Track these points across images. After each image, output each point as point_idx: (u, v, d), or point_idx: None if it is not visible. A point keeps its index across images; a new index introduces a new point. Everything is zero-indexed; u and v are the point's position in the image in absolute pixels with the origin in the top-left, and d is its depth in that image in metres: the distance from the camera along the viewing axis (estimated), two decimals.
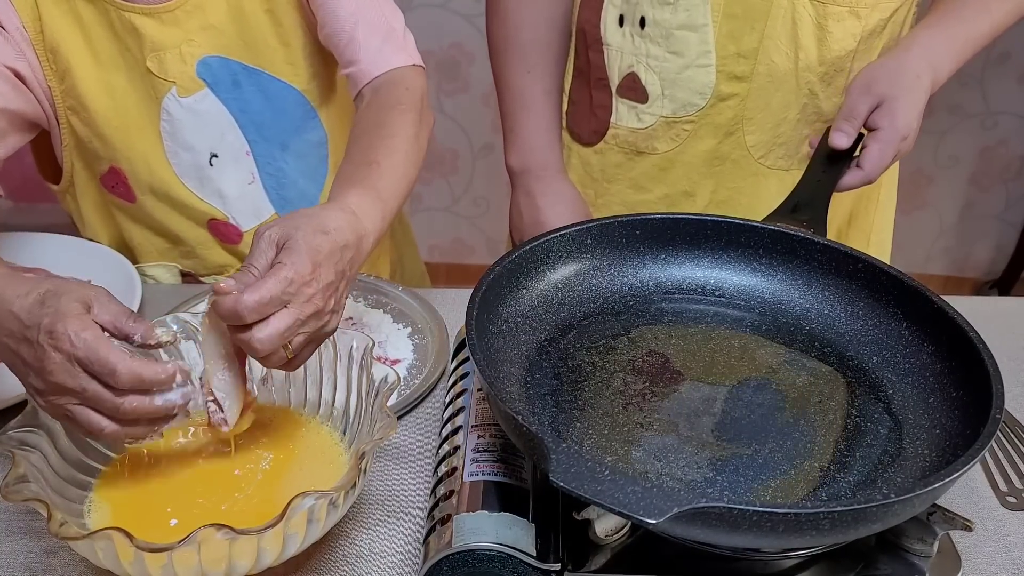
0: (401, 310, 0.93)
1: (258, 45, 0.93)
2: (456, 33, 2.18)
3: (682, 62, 0.96)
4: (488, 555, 0.56)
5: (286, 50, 0.94)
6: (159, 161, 0.95)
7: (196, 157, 0.96)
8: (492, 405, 0.64)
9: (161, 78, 0.91)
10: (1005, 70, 2.23)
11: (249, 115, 0.96)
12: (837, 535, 0.52)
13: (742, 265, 0.79)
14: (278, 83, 0.95)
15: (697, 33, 0.94)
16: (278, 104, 0.96)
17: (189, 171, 0.96)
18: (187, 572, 0.54)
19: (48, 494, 0.57)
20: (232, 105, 0.94)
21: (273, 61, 0.94)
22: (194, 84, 0.92)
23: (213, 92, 0.93)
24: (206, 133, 0.95)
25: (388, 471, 0.73)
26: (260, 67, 0.94)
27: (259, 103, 0.95)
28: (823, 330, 0.75)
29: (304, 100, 0.98)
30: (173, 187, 0.97)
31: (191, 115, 0.93)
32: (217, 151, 0.96)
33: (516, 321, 0.71)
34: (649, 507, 0.47)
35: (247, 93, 0.94)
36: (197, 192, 0.98)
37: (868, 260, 0.73)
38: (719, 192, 1.03)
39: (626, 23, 0.98)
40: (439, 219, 2.49)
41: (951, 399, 0.64)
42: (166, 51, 0.89)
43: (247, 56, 0.93)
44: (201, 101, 0.93)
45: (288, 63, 0.95)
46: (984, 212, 2.46)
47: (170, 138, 0.94)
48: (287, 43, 0.93)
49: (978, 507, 0.71)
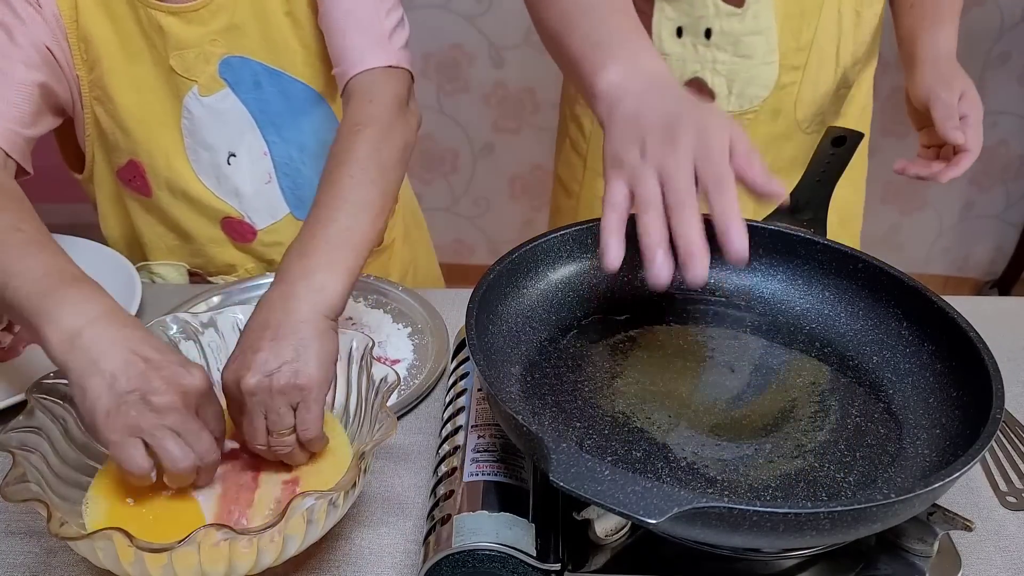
0: (401, 310, 0.93)
1: (279, 47, 0.93)
2: (456, 33, 2.18)
3: (750, 63, 1.02)
4: (488, 555, 0.56)
5: (305, 52, 0.94)
6: (178, 157, 0.96)
7: (215, 156, 0.96)
8: (492, 405, 0.64)
9: (184, 76, 0.92)
10: (1005, 70, 2.23)
11: (269, 116, 0.96)
12: (837, 535, 0.52)
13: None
14: (298, 84, 0.96)
15: (763, 35, 1.00)
16: (297, 105, 0.97)
17: (207, 169, 0.97)
18: (187, 572, 0.54)
19: (48, 494, 0.57)
20: (252, 105, 0.95)
21: (294, 63, 0.94)
22: (216, 83, 0.93)
23: (234, 92, 0.94)
24: (226, 132, 0.95)
25: (388, 471, 0.73)
26: (281, 68, 0.94)
27: (279, 104, 0.96)
28: (823, 330, 0.75)
29: (323, 102, 0.98)
30: (190, 184, 0.97)
31: (211, 114, 0.94)
32: (236, 150, 0.97)
33: (516, 321, 0.71)
34: (649, 507, 0.47)
35: (267, 94, 0.95)
36: (214, 190, 0.98)
37: (868, 260, 0.73)
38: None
39: (686, 35, 1.01)
40: (439, 219, 2.49)
41: (951, 399, 0.64)
42: (189, 50, 0.90)
43: (268, 57, 0.93)
44: (222, 101, 0.94)
45: (307, 65, 0.95)
46: (984, 212, 2.46)
47: (190, 135, 0.95)
48: (307, 45, 0.94)
49: (978, 507, 0.71)
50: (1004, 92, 2.26)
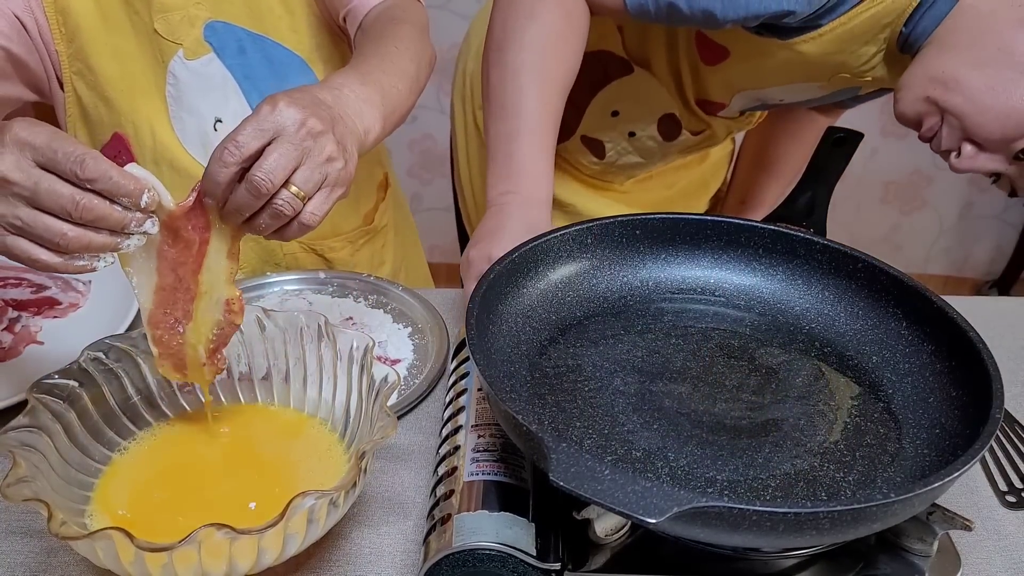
0: (401, 310, 0.93)
1: (263, 11, 0.93)
2: (456, 33, 2.17)
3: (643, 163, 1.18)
4: (488, 555, 0.56)
5: (291, 18, 0.94)
6: (163, 126, 0.96)
7: (200, 122, 0.96)
8: (492, 405, 0.64)
9: (169, 40, 0.91)
10: None
11: (253, 81, 0.96)
12: (837, 535, 0.52)
13: (742, 265, 0.79)
14: (282, 50, 0.96)
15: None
16: (281, 71, 0.97)
17: (193, 137, 0.97)
18: (187, 572, 0.54)
19: (48, 494, 0.57)
20: (237, 71, 0.95)
21: (277, 28, 0.94)
22: (201, 47, 0.92)
23: (219, 57, 0.94)
24: (211, 98, 0.95)
25: (388, 471, 0.73)
26: (264, 33, 0.94)
27: (263, 70, 0.96)
28: (823, 330, 0.75)
29: (307, 68, 0.98)
30: (176, 153, 0.97)
31: (197, 79, 0.94)
32: (222, 116, 0.96)
33: (516, 321, 0.71)
34: (649, 507, 0.47)
35: (252, 59, 0.95)
36: (200, 159, 0.98)
37: (868, 260, 0.73)
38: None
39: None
40: (439, 219, 2.49)
41: (951, 399, 0.64)
42: (173, 12, 0.90)
43: (251, 22, 0.93)
44: (207, 65, 0.94)
45: (292, 31, 0.95)
46: (984, 212, 2.46)
47: (175, 102, 0.95)
48: (291, 11, 0.94)
49: (978, 507, 0.71)
50: None
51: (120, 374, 0.68)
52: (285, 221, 0.61)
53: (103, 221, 0.56)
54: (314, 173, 0.60)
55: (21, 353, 0.85)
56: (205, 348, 0.66)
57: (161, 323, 0.64)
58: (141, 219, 0.58)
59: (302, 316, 0.71)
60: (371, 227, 1.12)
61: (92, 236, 0.57)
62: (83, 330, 0.87)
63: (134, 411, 0.69)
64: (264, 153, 0.59)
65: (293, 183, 0.60)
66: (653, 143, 1.15)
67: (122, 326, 0.86)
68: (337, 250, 1.08)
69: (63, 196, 0.54)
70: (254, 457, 0.68)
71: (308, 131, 0.60)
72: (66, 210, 0.55)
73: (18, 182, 0.54)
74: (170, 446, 0.69)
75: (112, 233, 0.58)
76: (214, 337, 0.65)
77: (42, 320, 0.89)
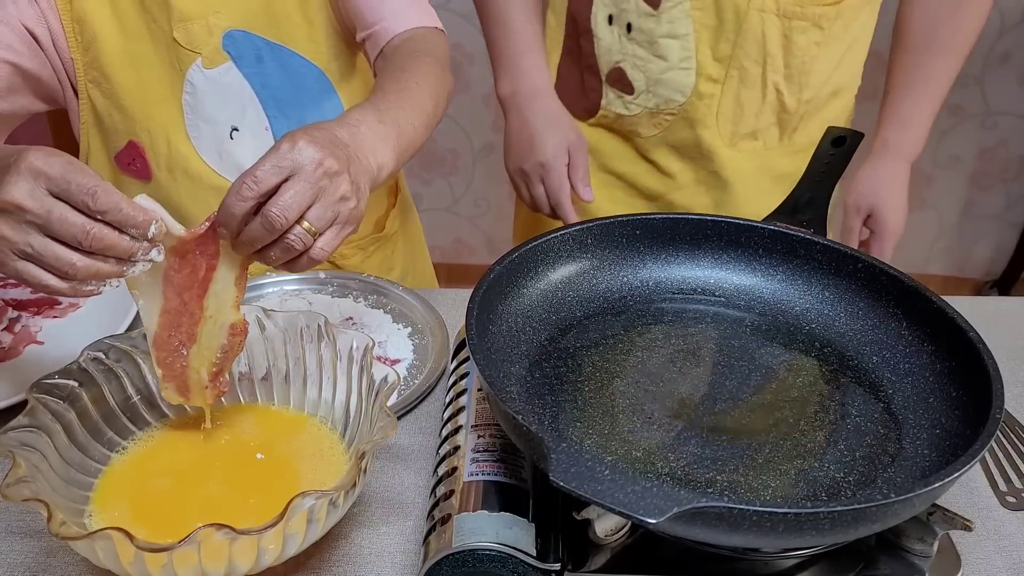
0: (401, 310, 0.93)
1: (281, 20, 0.93)
2: (456, 33, 2.18)
3: (665, 65, 1.05)
4: (488, 555, 0.56)
5: (309, 27, 0.94)
6: (179, 134, 0.96)
7: (216, 130, 0.96)
8: (492, 405, 0.64)
9: (188, 49, 0.91)
10: (1005, 70, 2.23)
11: (270, 90, 0.96)
12: (837, 535, 0.52)
13: (742, 265, 0.79)
14: (299, 59, 0.96)
15: (679, 41, 1.03)
16: (298, 81, 0.97)
17: (208, 145, 0.97)
18: (187, 572, 0.54)
19: (48, 494, 0.57)
20: (254, 80, 0.95)
21: (295, 37, 0.94)
22: (219, 56, 0.93)
23: (237, 66, 0.94)
24: (228, 106, 0.95)
25: (388, 471, 0.73)
26: (282, 43, 0.94)
27: (280, 79, 0.96)
28: (823, 330, 0.75)
29: (324, 78, 0.98)
30: (191, 161, 0.97)
31: (215, 87, 0.94)
32: (238, 125, 0.97)
33: (516, 321, 0.71)
34: (649, 507, 0.47)
35: (269, 68, 0.95)
36: (215, 167, 0.98)
37: (868, 260, 0.73)
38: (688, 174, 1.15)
39: (615, 23, 1.06)
40: (439, 219, 2.50)
41: (951, 399, 0.64)
42: (193, 21, 0.90)
43: (270, 31, 0.93)
44: (225, 74, 0.94)
45: (310, 40, 0.95)
46: (984, 212, 2.46)
47: (192, 111, 0.95)
48: (310, 20, 0.94)
49: (978, 507, 0.71)
50: (1004, 92, 2.26)
51: (120, 374, 0.69)
52: (295, 255, 0.64)
53: (112, 250, 0.59)
54: (327, 211, 0.63)
55: (21, 353, 0.85)
56: (208, 371, 0.67)
57: (166, 345, 0.66)
58: (148, 248, 0.61)
59: (302, 316, 0.71)
60: (382, 234, 1.12)
61: (100, 266, 0.59)
62: (83, 330, 0.87)
63: (134, 411, 0.69)
64: (281, 189, 0.61)
65: (306, 219, 0.62)
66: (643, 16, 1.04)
67: (122, 326, 0.86)
68: (348, 257, 1.08)
69: (75, 225, 0.57)
70: (254, 457, 0.68)
71: (325, 171, 0.62)
72: (77, 239, 0.57)
73: (32, 210, 0.56)
74: (170, 446, 0.69)
75: (119, 261, 0.60)
76: (217, 360, 0.66)
77: (42, 320, 0.90)
